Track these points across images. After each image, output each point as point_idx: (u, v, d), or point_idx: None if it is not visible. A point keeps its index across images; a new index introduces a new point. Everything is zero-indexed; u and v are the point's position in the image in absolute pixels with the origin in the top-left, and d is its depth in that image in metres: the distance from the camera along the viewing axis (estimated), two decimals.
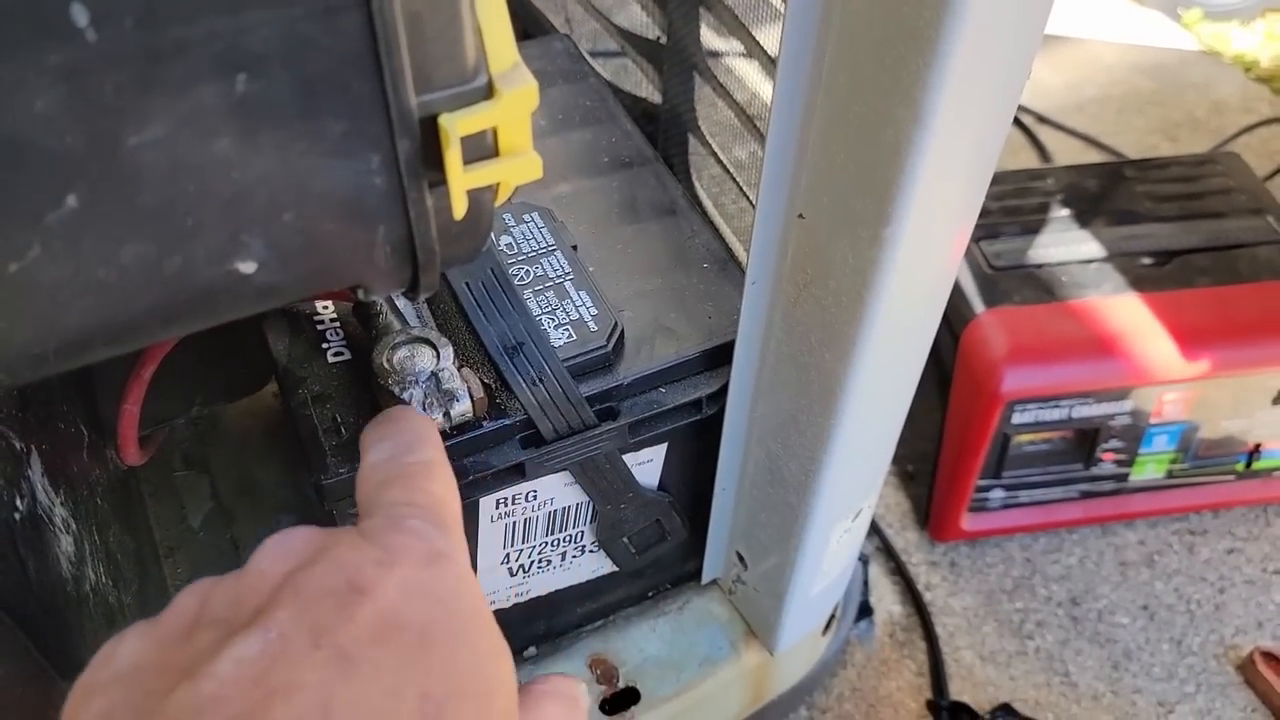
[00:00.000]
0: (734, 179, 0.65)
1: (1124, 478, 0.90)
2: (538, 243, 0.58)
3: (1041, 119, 1.34)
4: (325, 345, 0.54)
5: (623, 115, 0.68)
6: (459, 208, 0.33)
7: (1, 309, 0.30)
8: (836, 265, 0.44)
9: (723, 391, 0.56)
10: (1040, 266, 0.87)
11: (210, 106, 0.28)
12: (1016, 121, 1.34)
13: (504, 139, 0.33)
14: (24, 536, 0.39)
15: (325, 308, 0.56)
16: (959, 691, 0.83)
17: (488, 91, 0.32)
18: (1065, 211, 0.91)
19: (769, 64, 0.58)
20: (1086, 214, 0.91)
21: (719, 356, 0.55)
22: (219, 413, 0.80)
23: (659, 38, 0.70)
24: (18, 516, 0.39)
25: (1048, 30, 0.39)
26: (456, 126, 0.31)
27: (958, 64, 0.35)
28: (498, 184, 0.35)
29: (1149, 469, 0.90)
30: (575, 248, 0.58)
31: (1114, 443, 0.87)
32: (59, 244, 0.29)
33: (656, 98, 0.73)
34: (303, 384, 0.53)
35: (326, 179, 0.31)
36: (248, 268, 0.33)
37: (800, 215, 0.44)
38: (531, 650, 0.69)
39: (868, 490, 0.59)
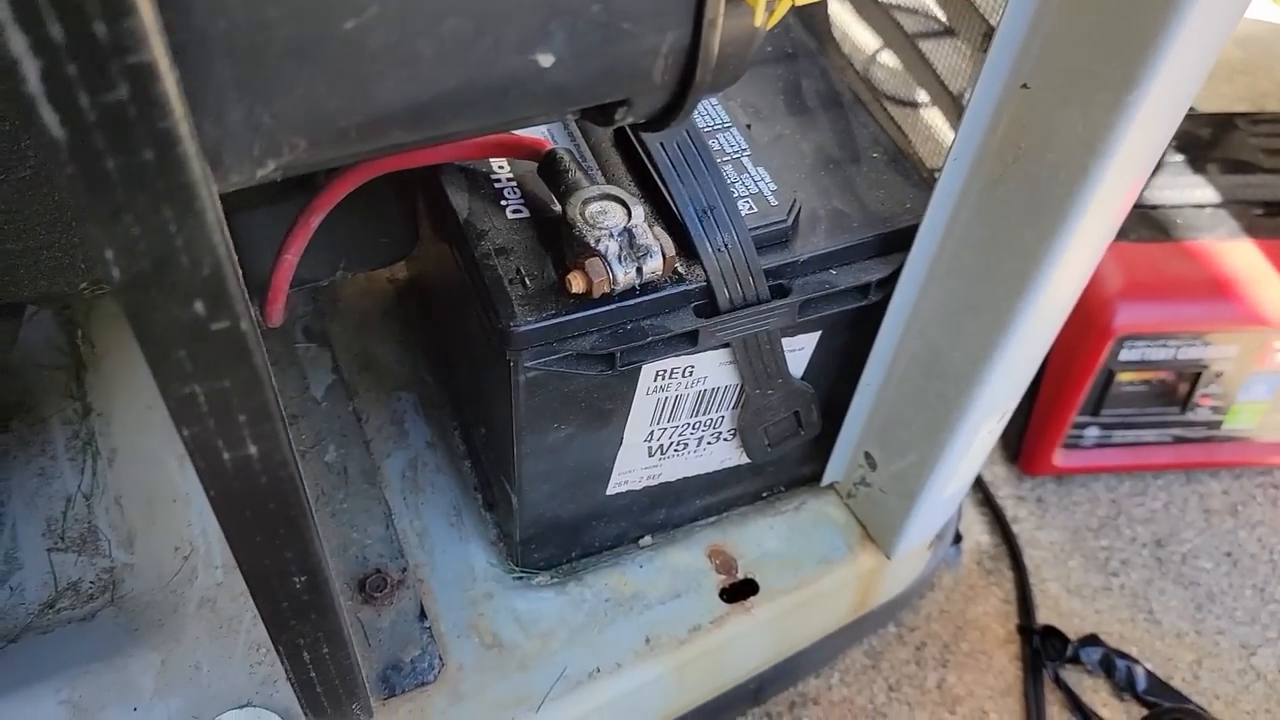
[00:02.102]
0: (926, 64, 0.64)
1: (1217, 425, 0.90)
2: (713, 119, 0.58)
3: None
4: (503, 202, 0.55)
5: None
6: (759, 16, 0.33)
7: (326, 68, 0.30)
8: (1060, 136, 0.44)
9: (893, 277, 0.56)
10: (1155, 208, 0.87)
11: None
12: None
13: None
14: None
15: (501, 167, 0.56)
16: (1045, 621, 0.84)
17: None
18: (1179, 157, 0.91)
19: None
20: (1199, 160, 0.91)
21: (892, 243, 0.56)
22: (338, 290, 0.80)
23: None
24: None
25: None
26: None
27: None
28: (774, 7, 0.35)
29: (1242, 418, 0.90)
30: (749, 126, 0.58)
31: (1213, 388, 0.87)
32: (394, 6, 0.29)
33: None
34: (484, 237, 0.53)
35: None
36: (546, 60, 0.33)
37: (1024, 85, 0.44)
38: (648, 539, 0.70)
39: (1019, 389, 0.60)
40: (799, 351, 0.60)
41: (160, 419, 0.73)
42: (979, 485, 0.92)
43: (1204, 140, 0.94)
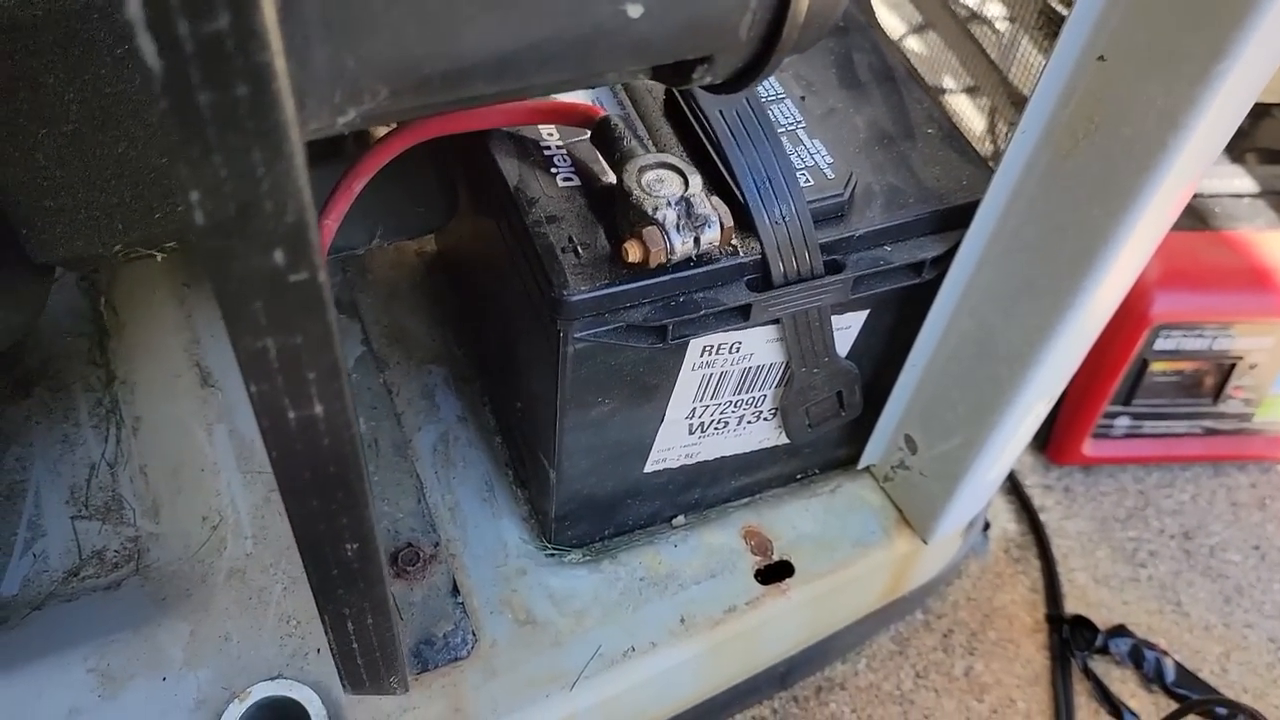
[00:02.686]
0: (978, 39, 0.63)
1: (1248, 417, 0.89)
2: (768, 90, 0.57)
3: None
4: (554, 170, 0.54)
5: None
6: None
7: (415, 9, 0.29)
8: (1139, 109, 0.43)
9: (948, 255, 0.55)
10: (1194, 196, 0.86)
11: None
12: None
13: None
14: None
15: (550, 134, 0.55)
16: (1072, 611, 0.83)
17: None
18: None
19: None
20: (1236, 149, 0.90)
21: (948, 219, 0.55)
22: (366, 261, 0.79)
23: None
24: None
25: None
26: None
27: None
28: None
29: (1275, 411, 0.89)
30: (803, 98, 0.57)
31: (1247, 379, 0.86)
32: None
33: None
34: (535, 204, 0.52)
35: None
36: (635, 10, 0.32)
37: (1100, 58, 0.43)
38: (681, 519, 0.69)
39: (1069, 372, 0.59)
40: (845, 330, 0.59)
41: (185, 388, 0.72)
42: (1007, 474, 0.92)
43: (1242, 129, 0.92)
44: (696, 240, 0.48)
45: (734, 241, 0.51)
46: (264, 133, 0.26)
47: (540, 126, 0.55)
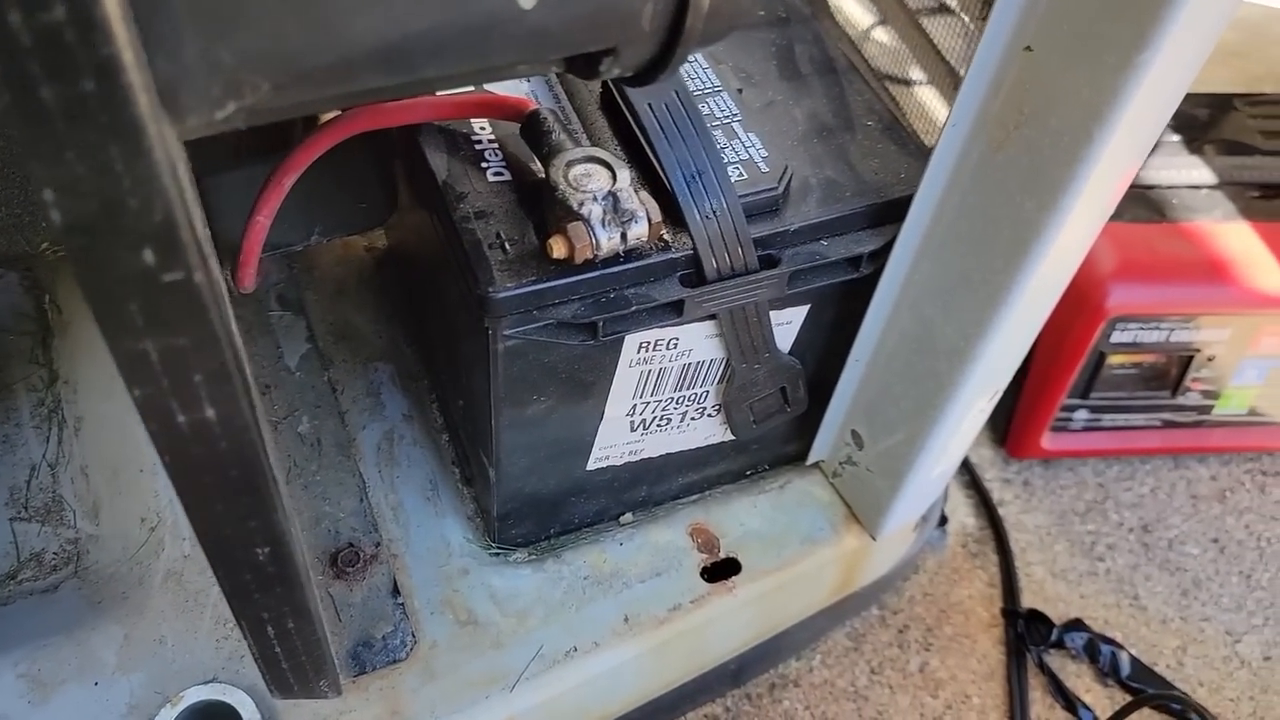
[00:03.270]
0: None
1: (1208, 410, 0.89)
2: (703, 83, 0.56)
3: None
4: (484, 165, 0.53)
5: None
6: None
7: (286, 0, 0.28)
8: (1065, 100, 0.42)
9: (885, 249, 0.54)
10: (1150, 188, 0.85)
11: None
12: None
13: None
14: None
15: (483, 128, 0.54)
16: (1029, 605, 0.83)
17: None
18: (1175, 137, 0.90)
19: None
20: (1196, 141, 0.90)
21: (885, 214, 0.54)
22: (313, 258, 0.78)
23: None
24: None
25: None
26: None
27: None
28: None
29: (1233, 403, 0.89)
30: (740, 91, 0.56)
31: (1205, 372, 0.86)
32: None
33: None
34: (464, 199, 0.51)
35: None
36: (527, 2, 0.31)
37: (1028, 48, 0.43)
38: (629, 516, 0.68)
39: (1011, 367, 0.58)
40: (787, 325, 0.58)
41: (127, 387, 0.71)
42: (965, 467, 0.91)
43: (1201, 121, 0.92)
44: (623, 235, 0.47)
45: (665, 237, 0.50)
46: (120, 129, 0.25)
47: (473, 121, 0.55)
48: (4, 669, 0.58)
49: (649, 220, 0.48)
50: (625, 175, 0.48)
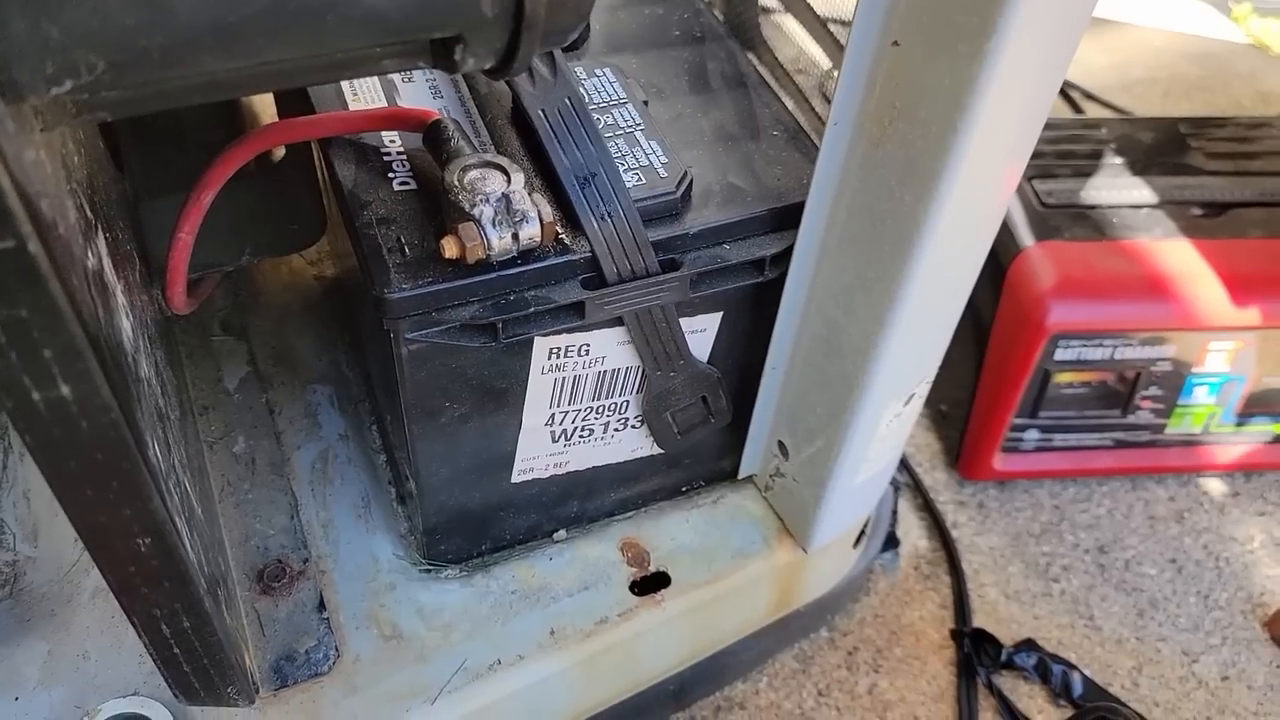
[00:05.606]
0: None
1: (1160, 429, 0.89)
2: (609, 94, 0.57)
3: (1089, 95, 1.34)
4: (391, 175, 0.54)
5: None
6: None
7: None
8: (930, 92, 0.43)
9: (787, 253, 0.55)
10: (1092, 207, 0.86)
11: None
12: (1064, 94, 1.33)
13: None
14: (95, 284, 0.39)
15: (392, 140, 0.56)
16: (982, 626, 0.82)
17: None
18: (1119, 159, 0.91)
19: None
20: (1139, 163, 0.91)
21: (786, 218, 0.55)
22: (259, 284, 0.80)
23: None
24: (90, 264, 0.39)
25: (1097, 13, 0.39)
26: None
27: None
28: None
29: (1186, 422, 0.89)
30: (646, 103, 0.57)
31: (1154, 390, 0.86)
32: None
33: None
34: (368, 207, 0.52)
35: None
36: None
37: (895, 43, 0.44)
38: (562, 533, 0.69)
39: (923, 371, 0.58)
40: (702, 333, 0.59)
41: None
42: (919, 490, 0.91)
43: (1145, 144, 0.93)
44: (515, 236, 0.48)
45: (563, 239, 0.51)
46: None
47: (384, 134, 0.56)
48: None
49: (541, 221, 0.49)
50: (520, 179, 0.49)
